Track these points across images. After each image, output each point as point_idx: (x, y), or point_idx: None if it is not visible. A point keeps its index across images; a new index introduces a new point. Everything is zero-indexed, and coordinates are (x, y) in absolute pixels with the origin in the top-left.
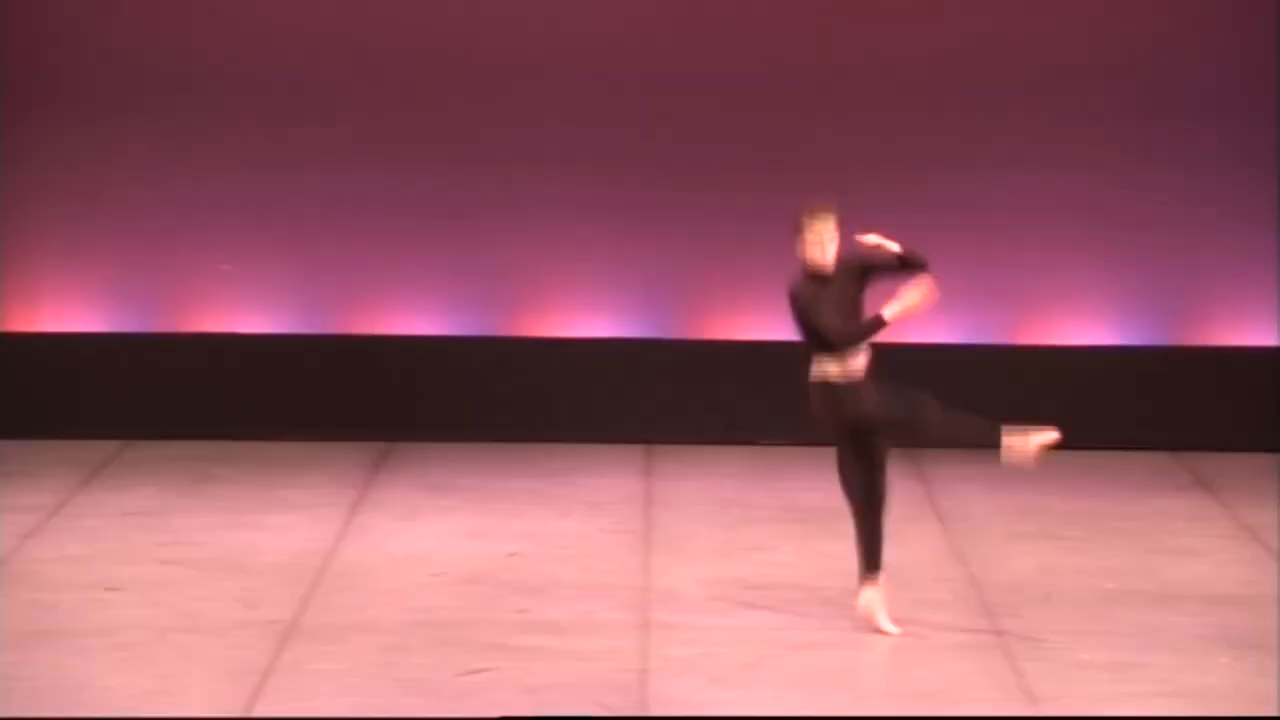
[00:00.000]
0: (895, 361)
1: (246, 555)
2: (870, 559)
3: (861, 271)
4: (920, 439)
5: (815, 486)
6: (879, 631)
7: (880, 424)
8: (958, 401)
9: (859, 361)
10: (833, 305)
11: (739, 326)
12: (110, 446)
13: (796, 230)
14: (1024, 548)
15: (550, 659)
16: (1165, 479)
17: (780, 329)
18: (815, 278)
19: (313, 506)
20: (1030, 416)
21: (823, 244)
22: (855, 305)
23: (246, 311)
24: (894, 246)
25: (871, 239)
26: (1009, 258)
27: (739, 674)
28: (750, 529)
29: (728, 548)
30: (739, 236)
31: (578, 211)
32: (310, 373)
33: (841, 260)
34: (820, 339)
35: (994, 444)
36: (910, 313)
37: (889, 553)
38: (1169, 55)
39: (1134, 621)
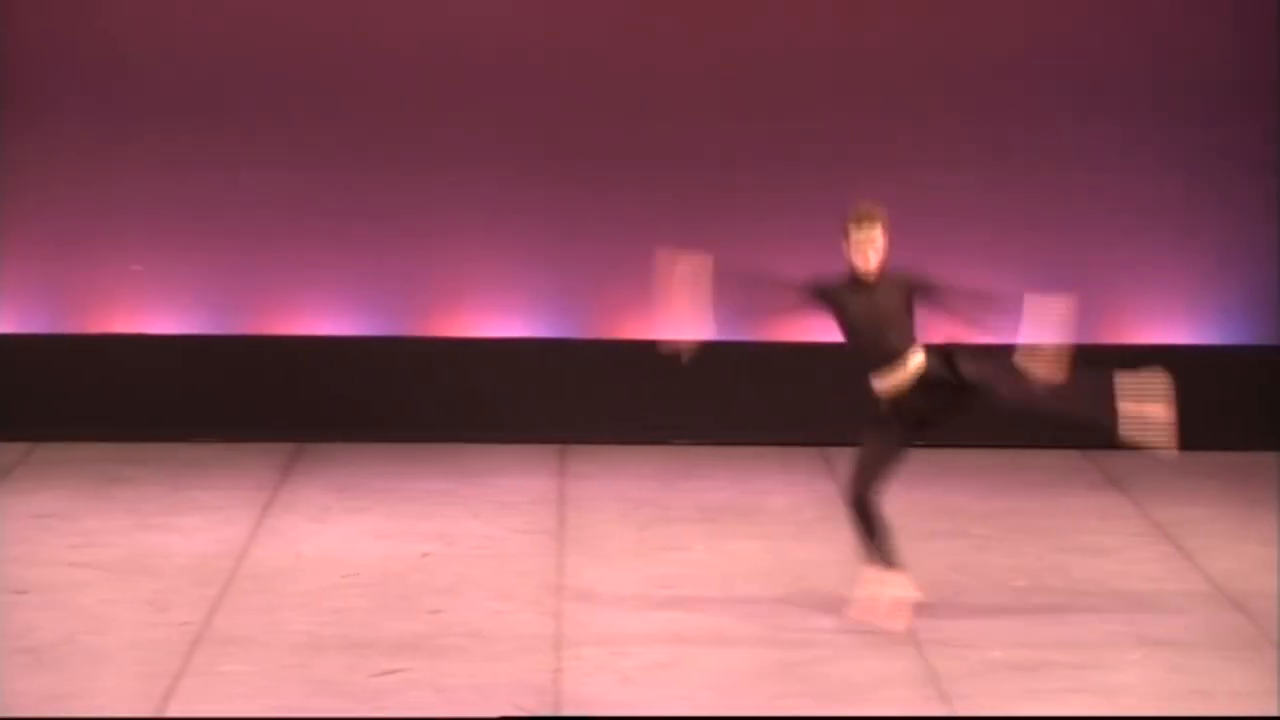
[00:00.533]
0: (805, 358)
1: (157, 557)
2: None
3: (910, 288)
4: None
5: (726, 486)
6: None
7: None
8: (866, 399)
9: (906, 371)
10: (861, 311)
11: (651, 326)
12: (18, 449)
13: (844, 233)
14: (937, 546)
15: (463, 660)
16: (1076, 477)
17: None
18: (855, 280)
19: (224, 508)
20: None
21: (865, 250)
22: (895, 318)
23: (156, 312)
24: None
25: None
26: (918, 258)
27: (652, 674)
28: (663, 529)
29: (641, 547)
30: (652, 236)
31: (490, 211)
32: (220, 374)
33: (889, 271)
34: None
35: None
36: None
37: (801, 550)
38: (1070, 55)
39: (1045, 619)
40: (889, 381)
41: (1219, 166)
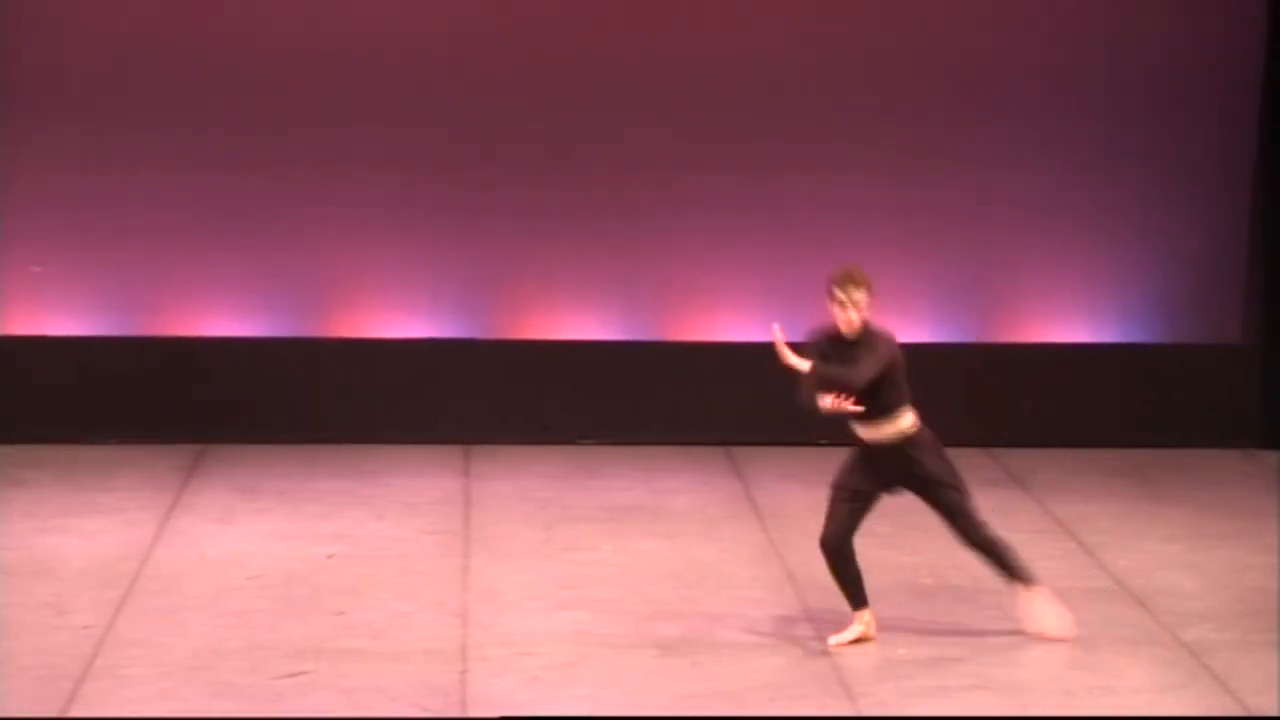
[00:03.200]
0: (707, 358)
1: (56, 560)
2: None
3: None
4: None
5: (631, 486)
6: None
7: (930, 483)
8: (772, 397)
9: (896, 428)
10: (835, 361)
11: (554, 326)
12: None
13: (828, 294)
14: None
15: (368, 661)
16: (977, 474)
17: (596, 329)
18: (836, 335)
19: (125, 510)
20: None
21: (845, 314)
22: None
23: (56, 313)
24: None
25: None
26: (819, 257)
27: (557, 674)
28: (568, 529)
29: (545, 548)
30: (554, 236)
31: (390, 212)
32: (121, 375)
33: (873, 333)
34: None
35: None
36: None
37: (706, 550)
38: (980, 55)
39: (948, 616)
40: (875, 434)
41: (1123, 166)
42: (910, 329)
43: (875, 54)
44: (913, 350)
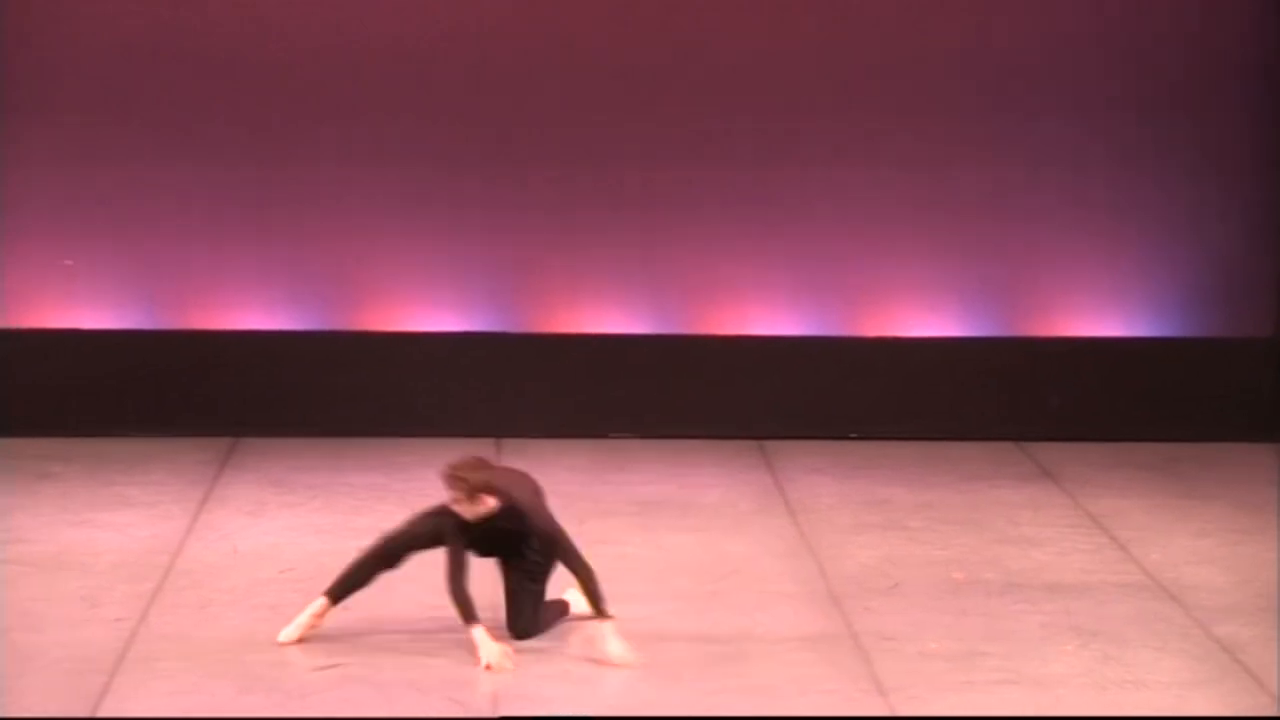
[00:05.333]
0: (739, 352)
1: (88, 553)
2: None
3: (526, 526)
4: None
5: (661, 479)
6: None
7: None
8: (804, 391)
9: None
10: (471, 539)
11: (584, 320)
12: None
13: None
14: (871, 538)
15: (399, 655)
16: (1010, 469)
17: (627, 323)
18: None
19: (156, 503)
20: (874, 407)
21: (462, 508)
22: (512, 546)
23: (88, 306)
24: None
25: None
26: (849, 251)
27: (588, 668)
28: (598, 523)
29: (576, 541)
30: (583, 230)
31: (419, 205)
32: (152, 368)
33: (515, 506)
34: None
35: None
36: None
37: (736, 544)
38: (1007, 47)
39: (979, 611)
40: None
41: (1154, 160)
42: (940, 323)
43: (907, 47)
44: (943, 344)
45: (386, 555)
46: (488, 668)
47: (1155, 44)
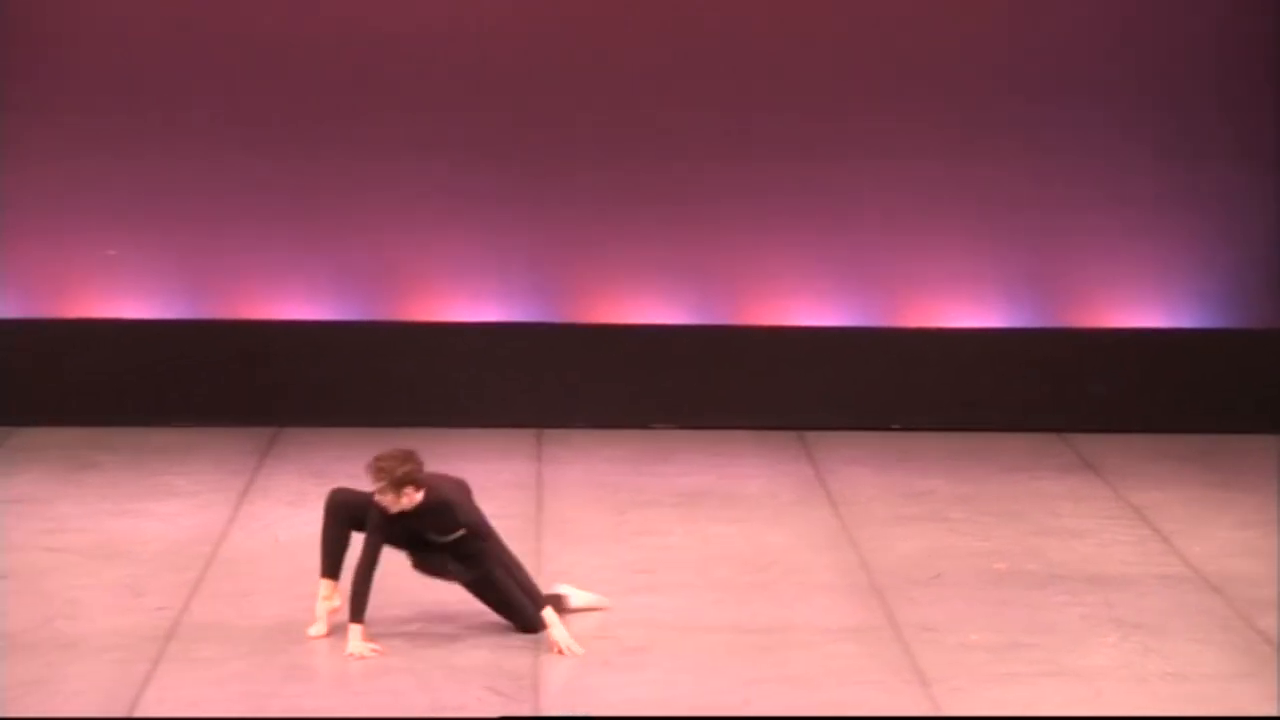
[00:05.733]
0: (780, 343)
1: (132, 543)
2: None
3: (452, 520)
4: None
5: (702, 470)
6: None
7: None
8: (845, 382)
9: None
10: (394, 534)
11: (626, 311)
12: None
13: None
14: (912, 530)
15: (441, 644)
16: (1051, 460)
17: (668, 313)
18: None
19: (199, 493)
20: (915, 398)
21: (386, 500)
22: (432, 542)
23: (131, 296)
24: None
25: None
26: (892, 242)
27: (629, 657)
28: (640, 513)
29: (618, 532)
30: (626, 220)
31: (461, 196)
32: (195, 358)
33: (441, 499)
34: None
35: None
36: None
37: (777, 535)
38: (1050, 39)
39: (1021, 602)
40: None
41: (1197, 150)
42: (982, 314)
43: (952, 41)
44: (985, 335)
45: (346, 519)
46: (350, 656)
47: (1201, 36)
